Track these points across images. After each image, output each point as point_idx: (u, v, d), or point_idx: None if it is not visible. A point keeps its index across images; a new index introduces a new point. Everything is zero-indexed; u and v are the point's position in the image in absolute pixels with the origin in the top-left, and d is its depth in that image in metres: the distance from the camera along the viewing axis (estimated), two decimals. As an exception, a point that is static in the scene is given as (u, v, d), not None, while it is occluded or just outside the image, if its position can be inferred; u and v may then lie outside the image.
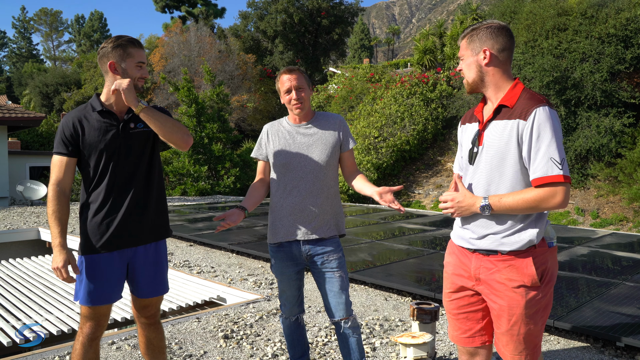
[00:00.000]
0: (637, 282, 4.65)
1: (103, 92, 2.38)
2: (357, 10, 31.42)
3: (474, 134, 2.01)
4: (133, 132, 2.35)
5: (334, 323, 2.60)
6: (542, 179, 1.79)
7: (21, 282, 5.93)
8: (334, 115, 2.67)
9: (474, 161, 1.98)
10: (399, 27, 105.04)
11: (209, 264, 6.03)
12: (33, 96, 37.49)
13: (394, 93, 17.89)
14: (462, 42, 2.00)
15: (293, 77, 2.54)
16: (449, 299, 2.11)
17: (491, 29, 1.94)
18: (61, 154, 2.28)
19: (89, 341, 2.33)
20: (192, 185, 16.26)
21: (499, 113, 1.92)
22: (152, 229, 2.42)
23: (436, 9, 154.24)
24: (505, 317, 1.91)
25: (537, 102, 1.84)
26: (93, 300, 2.30)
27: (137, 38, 2.37)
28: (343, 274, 2.57)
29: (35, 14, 73.46)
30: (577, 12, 13.52)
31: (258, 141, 2.71)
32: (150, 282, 2.42)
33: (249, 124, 26.37)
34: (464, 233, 2.02)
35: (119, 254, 2.34)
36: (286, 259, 2.62)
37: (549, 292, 1.92)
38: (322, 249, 2.57)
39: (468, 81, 2.00)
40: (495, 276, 1.91)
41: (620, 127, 12.40)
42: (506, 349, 1.95)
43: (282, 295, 2.73)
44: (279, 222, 2.60)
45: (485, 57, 1.93)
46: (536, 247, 1.89)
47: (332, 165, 2.61)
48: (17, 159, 17.86)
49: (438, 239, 7.10)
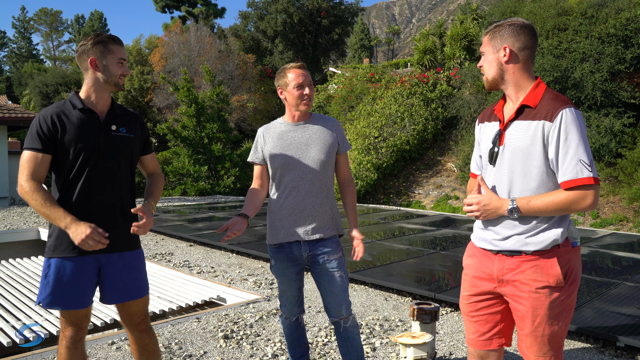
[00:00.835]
0: (637, 282, 4.65)
1: (82, 89, 2.31)
2: (357, 10, 31.41)
3: (495, 134, 1.98)
4: (115, 134, 2.28)
5: (334, 322, 2.60)
6: (572, 182, 1.78)
7: (21, 282, 5.93)
8: (330, 118, 2.69)
9: (495, 161, 1.96)
10: (399, 27, 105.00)
11: (209, 264, 6.03)
12: (33, 96, 37.47)
13: (394, 93, 17.89)
14: (485, 38, 1.98)
15: (306, 73, 2.55)
16: (467, 302, 2.08)
17: (514, 26, 1.92)
18: (35, 150, 2.15)
19: (73, 344, 2.27)
20: (192, 185, 16.25)
21: (521, 113, 1.90)
22: (127, 237, 2.32)
23: (436, 9, 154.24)
24: (529, 318, 1.89)
25: (563, 103, 1.83)
26: (56, 304, 2.19)
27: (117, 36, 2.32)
28: (343, 274, 2.57)
29: (35, 14, 73.44)
30: (577, 12, 13.52)
31: (254, 145, 2.69)
32: (122, 286, 2.30)
33: (249, 124, 26.36)
34: (487, 235, 2.00)
35: (90, 258, 2.23)
36: (286, 259, 2.61)
37: (573, 292, 1.90)
38: (322, 249, 2.56)
39: (487, 78, 1.98)
40: (520, 277, 1.90)
41: (621, 127, 12.39)
42: (530, 350, 1.93)
43: (282, 296, 2.72)
44: (278, 223, 2.59)
45: (505, 55, 1.91)
46: (560, 246, 1.87)
47: (329, 165, 2.62)
48: (17, 159, 17.85)
49: (438, 239, 7.10)
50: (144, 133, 2.44)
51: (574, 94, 12.82)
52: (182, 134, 16.43)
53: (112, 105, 2.34)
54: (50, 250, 2.24)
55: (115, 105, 2.36)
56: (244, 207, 2.61)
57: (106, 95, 2.31)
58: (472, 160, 2.20)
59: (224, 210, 10.92)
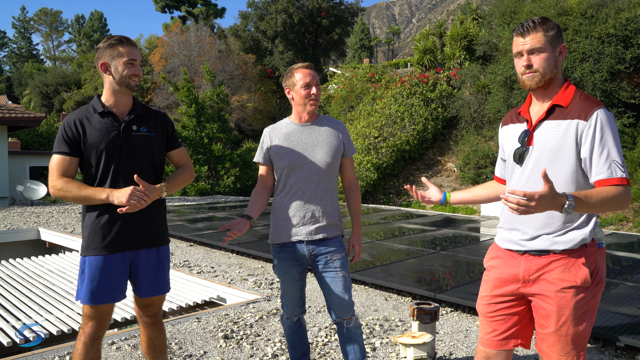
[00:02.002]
0: (637, 282, 4.65)
1: (103, 93, 2.38)
2: (357, 10, 31.41)
3: (521, 134, 1.98)
4: (136, 134, 2.35)
5: (336, 323, 2.59)
6: (606, 181, 1.79)
7: (21, 282, 5.93)
8: (337, 121, 2.69)
9: (523, 161, 1.96)
10: (399, 27, 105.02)
11: (209, 264, 6.03)
12: (33, 96, 37.49)
13: (394, 93, 17.89)
14: (538, 35, 1.89)
15: (313, 73, 2.56)
16: (487, 302, 2.07)
17: (558, 27, 1.93)
18: (63, 154, 2.28)
19: (91, 341, 2.34)
20: (192, 185, 16.26)
21: (552, 113, 1.90)
22: (154, 233, 2.44)
23: (436, 9, 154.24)
24: (554, 317, 1.89)
25: (596, 103, 1.84)
26: (95, 300, 2.30)
27: (129, 37, 2.37)
28: (346, 274, 2.57)
29: (35, 14, 73.49)
30: (577, 12, 13.52)
31: (260, 145, 2.69)
32: (151, 281, 2.44)
33: (249, 124, 26.37)
34: (512, 235, 1.99)
35: (121, 255, 2.35)
36: (289, 259, 2.60)
37: (598, 293, 1.90)
38: (325, 249, 2.56)
39: (544, 77, 1.90)
40: (547, 276, 1.90)
41: (621, 127, 12.40)
42: (552, 349, 1.92)
43: (284, 296, 2.71)
44: (282, 223, 2.59)
45: (562, 54, 1.91)
46: (587, 247, 1.88)
47: (335, 167, 2.61)
48: (17, 159, 17.87)
49: (438, 239, 7.10)
50: (166, 130, 2.50)
51: (574, 94, 12.81)
52: (182, 134, 16.43)
53: (134, 105, 2.41)
54: (84, 249, 2.35)
55: (137, 105, 2.43)
56: (247, 207, 2.61)
57: (125, 96, 2.38)
58: (497, 166, 2.22)
59: (224, 210, 10.92)
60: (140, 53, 2.42)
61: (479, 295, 2.14)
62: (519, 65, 1.95)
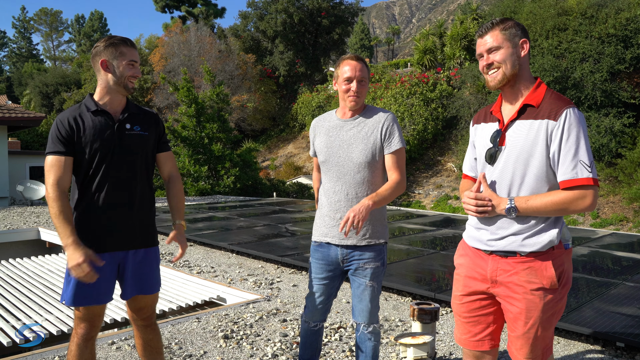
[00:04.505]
0: (637, 282, 4.65)
1: (97, 91, 2.36)
2: (357, 10, 31.43)
3: (493, 134, 1.96)
4: (129, 133, 2.34)
5: (356, 324, 2.51)
6: (571, 182, 1.78)
7: (21, 282, 5.93)
8: (383, 112, 2.44)
9: (495, 161, 1.94)
10: (399, 27, 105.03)
11: (209, 264, 6.03)
12: (33, 96, 37.50)
13: (394, 93, 17.89)
14: (495, 32, 1.89)
15: (359, 66, 2.36)
16: (459, 302, 2.06)
17: (520, 24, 1.92)
18: (58, 153, 2.24)
19: (84, 342, 2.32)
20: (192, 185, 16.26)
21: (523, 112, 1.88)
22: (143, 234, 2.40)
23: (436, 9, 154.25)
24: (522, 320, 1.88)
25: (566, 103, 1.82)
26: (79, 302, 2.25)
27: (130, 38, 2.38)
28: (375, 284, 2.44)
29: (35, 14, 73.48)
30: (577, 12, 13.52)
31: (310, 137, 2.64)
32: (137, 281, 2.38)
33: (248, 124, 26.38)
34: (480, 234, 1.98)
35: (109, 255, 2.30)
36: (321, 258, 2.52)
37: (564, 295, 1.89)
38: (359, 255, 2.44)
39: (506, 74, 1.88)
40: (514, 278, 1.88)
41: (620, 127, 12.40)
42: (520, 352, 1.92)
43: (308, 297, 2.59)
44: (319, 220, 2.52)
45: (525, 50, 1.88)
46: (554, 248, 1.86)
47: (374, 167, 2.41)
48: (17, 159, 17.86)
49: (438, 239, 7.10)
50: (158, 131, 2.49)
51: (574, 94, 12.82)
52: (182, 134, 16.44)
53: (127, 104, 2.40)
54: None
55: (130, 104, 2.42)
56: None
57: (119, 96, 2.36)
58: (466, 161, 2.17)
59: (224, 210, 10.92)
60: (139, 55, 2.42)
61: (452, 294, 2.12)
62: (481, 65, 1.94)
